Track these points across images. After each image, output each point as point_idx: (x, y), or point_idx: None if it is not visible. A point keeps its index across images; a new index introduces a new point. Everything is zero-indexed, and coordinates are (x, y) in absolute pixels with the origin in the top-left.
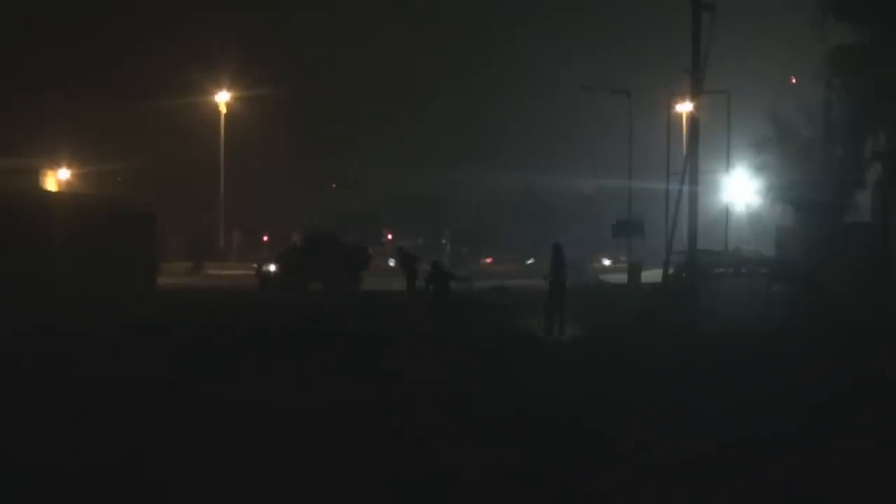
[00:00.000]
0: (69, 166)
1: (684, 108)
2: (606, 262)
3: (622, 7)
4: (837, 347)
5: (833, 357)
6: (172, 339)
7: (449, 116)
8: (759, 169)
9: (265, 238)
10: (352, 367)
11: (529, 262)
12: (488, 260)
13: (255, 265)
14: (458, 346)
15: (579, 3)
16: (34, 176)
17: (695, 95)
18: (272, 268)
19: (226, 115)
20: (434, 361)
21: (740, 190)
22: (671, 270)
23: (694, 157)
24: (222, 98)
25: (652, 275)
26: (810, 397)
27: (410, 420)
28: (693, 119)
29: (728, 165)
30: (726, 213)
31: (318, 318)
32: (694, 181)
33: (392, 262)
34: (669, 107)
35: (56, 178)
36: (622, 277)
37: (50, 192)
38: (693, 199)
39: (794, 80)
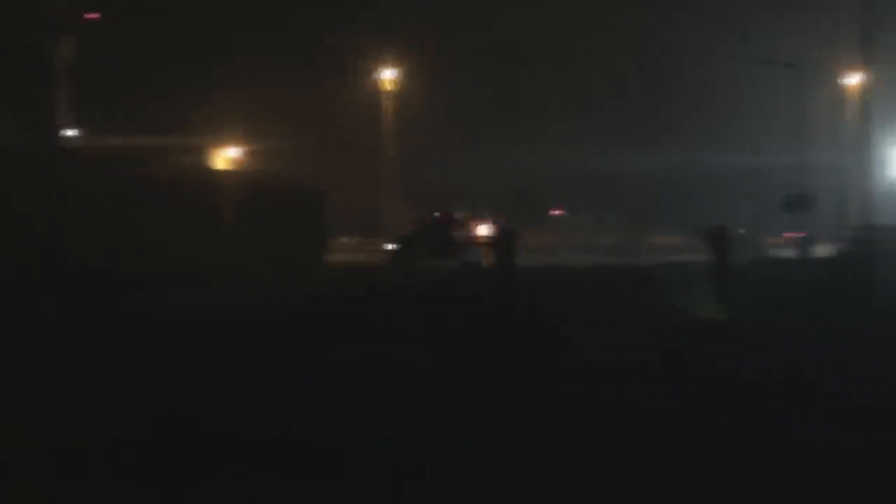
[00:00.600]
0: (241, 144)
1: (854, 79)
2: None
3: None
4: None
5: None
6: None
7: (616, 93)
8: None
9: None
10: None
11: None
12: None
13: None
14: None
15: None
16: (205, 153)
17: (865, 67)
18: (390, 246)
19: (394, 90)
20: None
21: None
22: (843, 245)
23: (866, 130)
24: (391, 74)
25: (823, 250)
26: None
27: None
28: (864, 92)
29: None
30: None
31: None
32: (867, 155)
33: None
34: (840, 79)
35: (226, 156)
36: (791, 251)
37: (220, 170)
38: (866, 173)
39: None
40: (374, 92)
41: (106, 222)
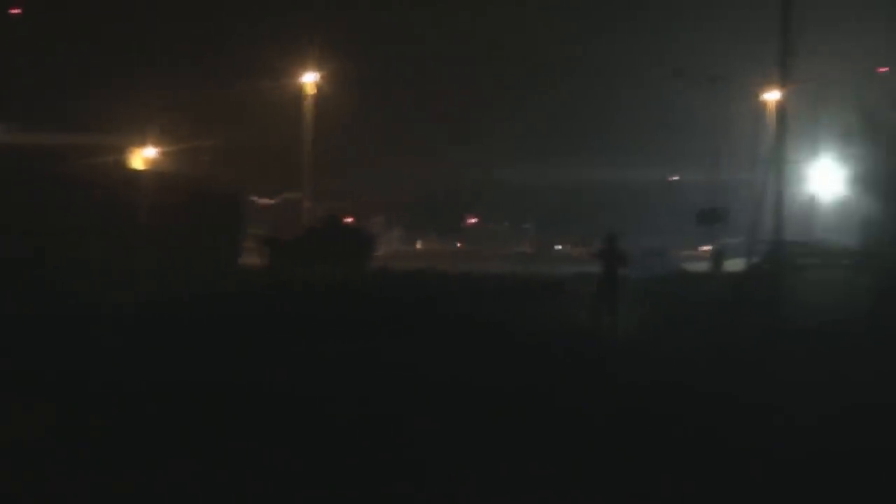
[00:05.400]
0: (156, 144)
1: (772, 96)
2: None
3: None
4: None
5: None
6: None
7: (536, 104)
8: (846, 159)
9: (350, 219)
10: None
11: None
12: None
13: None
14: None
15: None
16: (121, 153)
17: (783, 84)
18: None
19: (314, 95)
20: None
21: (827, 180)
22: (755, 260)
23: (781, 146)
24: (310, 78)
25: (734, 264)
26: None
27: None
28: (780, 108)
29: (814, 155)
30: (812, 202)
31: None
32: (781, 170)
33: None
34: (757, 95)
35: (143, 156)
36: (704, 266)
37: (136, 170)
38: (779, 188)
39: (884, 70)
40: (296, 96)
41: (23, 220)
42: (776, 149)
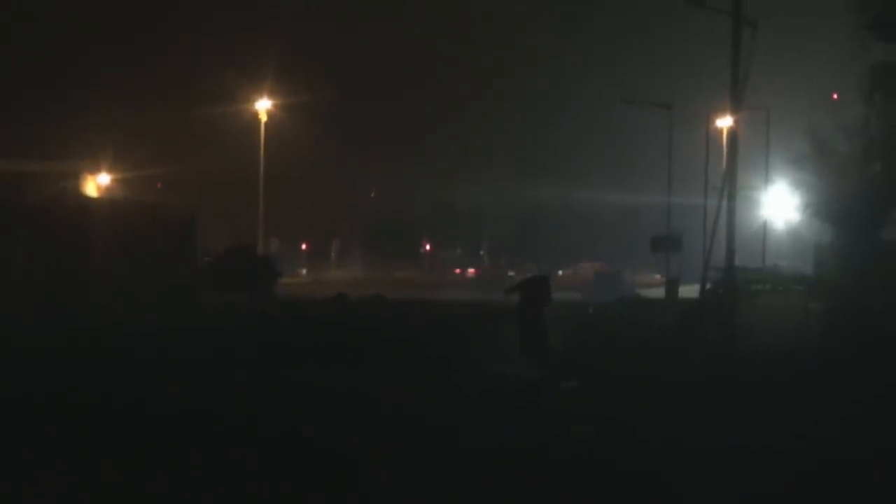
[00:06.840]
0: (109, 171)
1: (724, 123)
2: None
3: (663, 22)
4: (866, 367)
5: (859, 375)
6: None
7: (487, 128)
8: (798, 185)
9: (304, 246)
10: None
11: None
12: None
13: None
14: None
15: (621, 18)
16: (75, 180)
17: (734, 111)
18: None
19: (266, 122)
20: None
21: (779, 206)
22: (708, 286)
23: (733, 172)
24: (263, 105)
25: (689, 290)
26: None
27: None
28: (732, 135)
29: (767, 181)
30: (764, 229)
31: None
32: (732, 197)
33: None
34: (709, 121)
35: (96, 183)
36: (659, 292)
37: (90, 197)
38: (731, 214)
39: (835, 97)
40: (252, 122)
41: None
42: (728, 176)
